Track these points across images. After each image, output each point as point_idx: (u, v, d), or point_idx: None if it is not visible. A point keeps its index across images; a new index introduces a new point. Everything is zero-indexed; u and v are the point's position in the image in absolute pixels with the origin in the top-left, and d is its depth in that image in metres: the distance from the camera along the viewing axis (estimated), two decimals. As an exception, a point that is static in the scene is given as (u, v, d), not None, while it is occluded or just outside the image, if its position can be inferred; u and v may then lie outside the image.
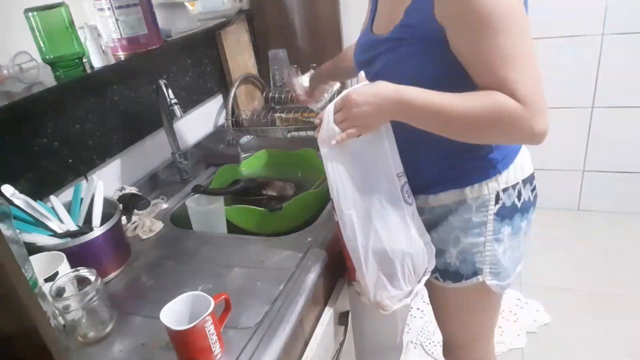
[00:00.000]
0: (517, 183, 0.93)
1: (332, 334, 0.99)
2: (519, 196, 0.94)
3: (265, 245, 1.02)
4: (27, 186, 1.01)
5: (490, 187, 0.91)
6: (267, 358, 0.73)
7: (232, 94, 1.63)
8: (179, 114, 1.18)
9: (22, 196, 0.92)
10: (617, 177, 2.40)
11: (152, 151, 1.38)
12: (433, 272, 1.03)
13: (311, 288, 0.88)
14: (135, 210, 1.10)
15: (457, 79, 0.80)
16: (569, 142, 2.40)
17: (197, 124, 1.58)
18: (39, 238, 0.90)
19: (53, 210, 0.97)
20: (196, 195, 1.19)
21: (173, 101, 1.17)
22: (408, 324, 1.90)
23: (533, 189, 0.98)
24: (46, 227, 0.93)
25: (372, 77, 0.88)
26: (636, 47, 2.12)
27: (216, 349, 0.72)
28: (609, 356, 1.70)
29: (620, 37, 2.12)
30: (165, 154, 1.41)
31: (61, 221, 0.97)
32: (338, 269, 1.06)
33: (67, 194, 1.09)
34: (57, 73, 1.10)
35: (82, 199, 1.02)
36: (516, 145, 0.93)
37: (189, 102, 1.52)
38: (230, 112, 1.66)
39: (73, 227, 0.97)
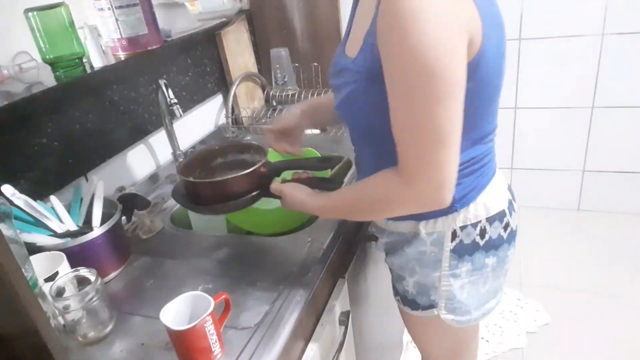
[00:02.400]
0: (479, 221, 0.86)
1: (332, 334, 0.99)
2: (482, 234, 0.87)
3: (265, 245, 1.02)
4: (27, 186, 1.01)
5: (446, 224, 0.86)
6: (267, 358, 0.73)
7: (232, 93, 1.63)
8: (179, 114, 1.18)
9: (22, 196, 0.92)
10: (617, 177, 2.40)
11: (152, 151, 1.39)
12: (395, 294, 1.03)
13: (311, 288, 0.88)
14: (135, 210, 1.10)
15: None
16: (569, 142, 2.40)
17: (197, 123, 1.58)
18: (39, 238, 0.90)
19: (53, 210, 0.98)
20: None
21: (173, 101, 1.17)
22: (408, 324, 1.90)
23: (506, 226, 0.90)
24: (46, 227, 0.94)
25: (336, 109, 0.86)
26: (636, 47, 2.12)
27: (216, 349, 0.72)
28: (609, 356, 1.70)
29: (620, 37, 2.12)
30: (165, 154, 1.41)
31: (61, 221, 0.97)
32: (338, 269, 1.06)
33: (67, 194, 1.09)
34: (57, 73, 1.10)
35: (82, 199, 1.02)
36: (480, 183, 0.86)
37: (189, 102, 1.52)
38: (230, 111, 1.66)
39: (73, 227, 0.97)
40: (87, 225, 0.99)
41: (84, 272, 0.81)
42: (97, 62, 1.18)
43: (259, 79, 1.80)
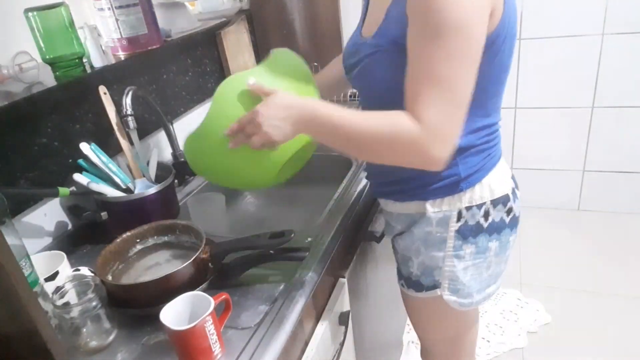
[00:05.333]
0: (484, 203, 0.89)
1: (332, 334, 0.99)
2: (485, 216, 0.90)
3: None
4: (27, 186, 1.00)
5: (452, 203, 0.89)
6: (267, 358, 0.73)
7: (232, 94, 1.63)
8: (132, 126, 1.10)
9: (97, 153, 1.07)
10: (617, 177, 2.40)
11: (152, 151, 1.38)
12: (399, 278, 1.06)
13: (311, 288, 0.88)
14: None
15: None
16: (569, 142, 2.40)
17: (197, 124, 1.57)
18: (106, 189, 1.04)
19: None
20: (198, 194, 1.19)
21: (128, 112, 1.10)
22: (408, 324, 1.90)
23: (509, 211, 0.93)
24: (112, 183, 1.08)
25: (352, 83, 0.93)
26: (636, 47, 2.12)
27: (216, 349, 0.72)
28: (609, 355, 1.70)
29: (620, 37, 2.12)
30: (165, 154, 1.41)
31: (125, 179, 1.09)
32: (338, 269, 1.06)
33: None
34: (57, 73, 1.10)
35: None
36: (486, 164, 0.90)
37: (189, 102, 1.52)
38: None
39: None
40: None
41: (84, 271, 0.81)
42: (97, 62, 1.18)
43: (259, 79, 1.80)
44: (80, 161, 1.08)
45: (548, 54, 2.24)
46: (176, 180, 1.17)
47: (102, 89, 1.09)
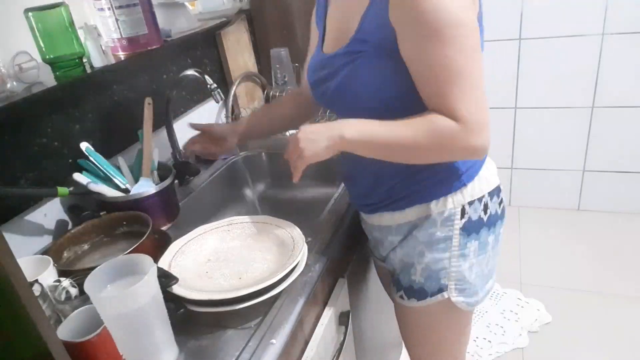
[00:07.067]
0: (483, 196, 0.90)
1: (332, 334, 0.99)
2: (485, 209, 0.91)
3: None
4: (27, 186, 1.00)
5: (456, 200, 0.89)
6: (267, 358, 0.73)
7: (232, 93, 1.63)
8: (219, 99, 1.21)
9: (90, 155, 1.08)
10: (617, 177, 2.40)
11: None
12: (397, 290, 1.02)
13: (311, 288, 0.88)
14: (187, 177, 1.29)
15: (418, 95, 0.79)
16: (569, 142, 2.40)
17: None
18: (104, 189, 1.04)
19: (119, 169, 1.12)
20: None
21: (213, 86, 1.20)
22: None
23: (500, 202, 0.95)
24: (111, 183, 1.08)
25: (328, 98, 0.90)
26: (636, 47, 2.12)
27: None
28: (610, 355, 1.70)
29: (620, 37, 2.12)
30: (166, 153, 1.41)
31: (123, 179, 1.10)
32: (338, 269, 1.06)
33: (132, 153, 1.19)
34: (57, 73, 1.10)
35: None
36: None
37: (189, 102, 1.52)
38: (230, 111, 1.66)
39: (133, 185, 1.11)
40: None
41: (65, 283, 0.79)
42: (97, 62, 1.18)
43: (259, 79, 1.80)
44: (81, 161, 1.08)
45: (548, 54, 2.24)
46: (177, 181, 1.16)
47: (147, 100, 1.15)
